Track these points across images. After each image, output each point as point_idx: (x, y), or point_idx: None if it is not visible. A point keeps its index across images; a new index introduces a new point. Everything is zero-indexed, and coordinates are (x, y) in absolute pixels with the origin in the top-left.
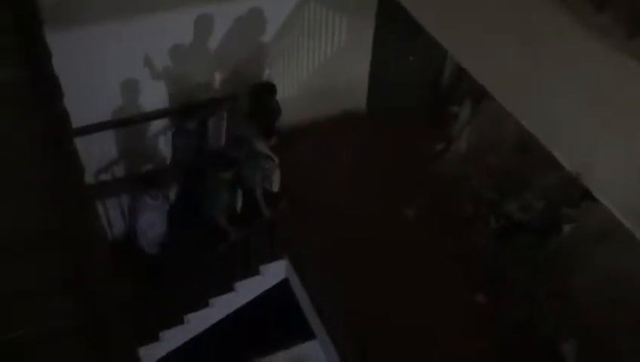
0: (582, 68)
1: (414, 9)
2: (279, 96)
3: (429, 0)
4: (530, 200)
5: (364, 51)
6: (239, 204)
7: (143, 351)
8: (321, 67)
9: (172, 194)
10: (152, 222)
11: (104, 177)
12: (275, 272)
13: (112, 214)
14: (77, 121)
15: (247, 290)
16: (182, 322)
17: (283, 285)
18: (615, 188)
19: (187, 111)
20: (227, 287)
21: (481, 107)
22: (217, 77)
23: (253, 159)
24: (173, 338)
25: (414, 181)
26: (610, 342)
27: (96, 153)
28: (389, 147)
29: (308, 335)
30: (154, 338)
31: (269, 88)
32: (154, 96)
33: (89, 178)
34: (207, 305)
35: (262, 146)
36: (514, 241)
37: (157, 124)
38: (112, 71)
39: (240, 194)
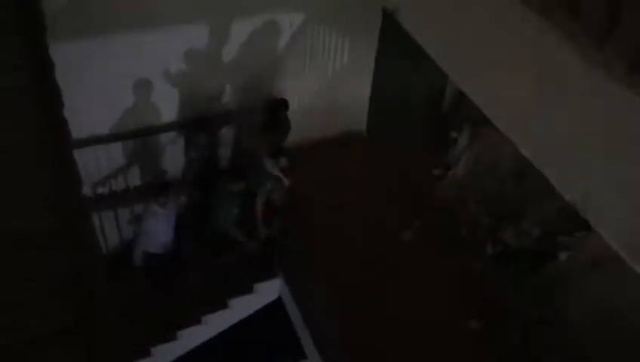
0: (582, 99)
1: (417, 33)
2: None
3: (432, 25)
4: (527, 228)
5: (365, 74)
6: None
7: None
8: (322, 88)
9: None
10: (158, 230)
11: (102, 190)
12: (268, 290)
13: (107, 227)
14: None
15: (240, 308)
16: (174, 338)
17: (276, 303)
18: (611, 218)
19: (195, 124)
20: (220, 304)
21: (480, 133)
22: (227, 90)
23: (260, 177)
24: (165, 354)
25: (412, 204)
26: None
27: (96, 165)
28: (388, 170)
29: (299, 354)
30: (146, 353)
31: (285, 104)
32: (160, 110)
33: (87, 190)
34: (199, 321)
35: (270, 166)
36: (510, 267)
37: (164, 137)
38: (118, 84)
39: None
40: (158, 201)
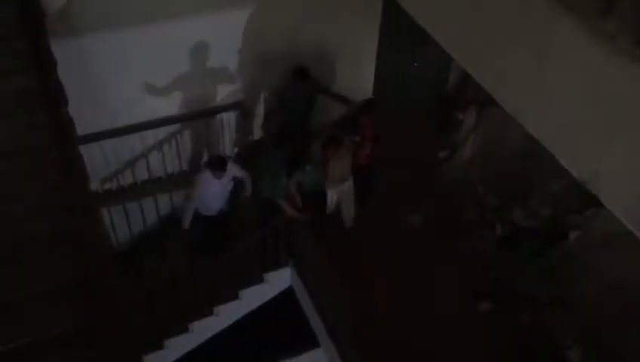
0: (588, 74)
1: (419, 15)
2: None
3: (434, 6)
4: (536, 207)
5: (368, 58)
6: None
7: (148, 360)
8: (325, 73)
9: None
10: (210, 195)
11: (109, 185)
12: (279, 280)
13: (117, 221)
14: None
15: (251, 298)
16: (186, 330)
17: (288, 293)
18: (622, 195)
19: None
20: (232, 295)
21: (486, 114)
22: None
23: (302, 158)
24: (178, 346)
25: (419, 188)
26: (616, 348)
27: (101, 160)
28: (394, 153)
29: (312, 343)
30: (159, 346)
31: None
32: (161, 104)
33: (95, 185)
34: (211, 313)
35: (315, 154)
36: (519, 248)
37: (164, 131)
38: (117, 80)
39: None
40: (215, 174)
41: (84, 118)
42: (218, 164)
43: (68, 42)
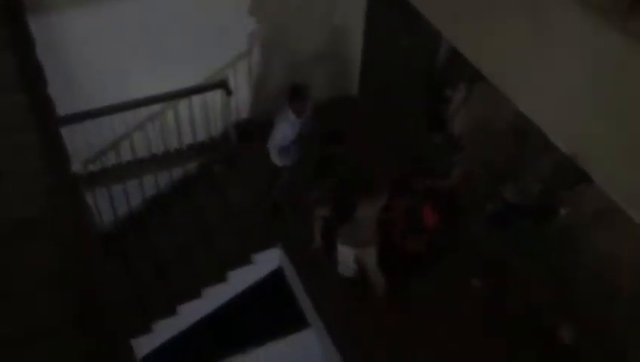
0: (578, 48)
1: None
2: (268, 85)
3: None
4: (526, 184)
5: (355, 36)
6: None
7: (136, 343)
8: (312, 51)
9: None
10: (289, 132)
11: (93, 167)
12: (268, 261)
13: (101, 204)
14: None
15: (239, 280)
16: (174, 313)
17: (277, 274)
18: (611, 170)
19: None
20: (220, 277)
21: (476, 90)
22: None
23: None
24: (166, 329)
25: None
26: (607, 324)
27: (83, 142)
28: (382, 131)
29: (303, 323)
30: (147, 330)
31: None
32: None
33: (77, 167)
34: (199, 295)
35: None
36: (510, 225)
37: (145, 112)
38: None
39: None
40: (298, 105)
41: (63, 99)
42: (301, 92)
43: (41, 20)
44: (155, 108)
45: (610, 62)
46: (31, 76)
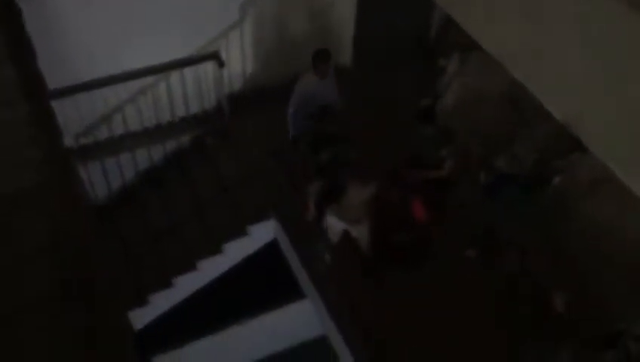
0: (572, 15)
1: None
2: (261, 56)
3: None
4: (520, 153)
5: (348, 5)
6: None
7: (132, 316)
8: (305, 22)
9: None
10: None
11: (85, 141)
12: (263, 232)
13: (94, 178)
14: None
15: (234, 252)
16: (170, 285)
17: (272, 245)
18: (606, 138)
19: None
20: (215, 249)
21: (469, 59)
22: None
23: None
24: (162, 301)
25: (400, 136)
26: (599, 291)
27: (75, 116)
28: (376, 101)
29: (298, 294)
30: (143, 302)
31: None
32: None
33: (69, 141)
34: (194, 267)
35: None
36: (503, 194)
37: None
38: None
39: None
40: (320, 69)
41: (53, 73)
42: (324, 55)
43: None
44: (148, 81)
45: (604, 29)
46: (20, 50)
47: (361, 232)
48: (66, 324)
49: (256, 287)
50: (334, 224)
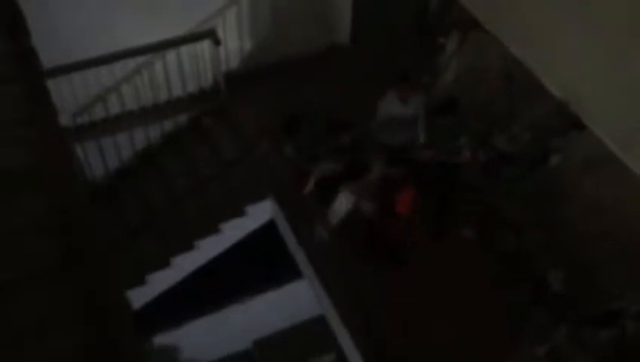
0: None
1: None
2: (258, 34)
3: None
4: (518, 132)
5: None
6: None
7: (130, 296)
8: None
9: None
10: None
11: (81, 120)
12: (260, 212)
13: (91, 157)
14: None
15: (232, 231)
16: (168, 265)
17: (269, 226)
18: (604, 115)
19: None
20: (212, 229)
21: (469, 37)
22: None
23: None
24: (161, 281)
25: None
26: (596, 270)
27: (71, 95)
28: (374, 80)
29: (296, 274)
30: (141, 281)
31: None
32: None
33: (66, 120)
34: (192, 247)
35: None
36: (502, 173)
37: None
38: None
39: None
40: (402, 89)
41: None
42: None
43: None
44: (144, 59)
45: (605, 7)
46: (13, 27)
47: (367, 207)
48: (65, 300)
49: (254, 267)
50: (343, 200)
